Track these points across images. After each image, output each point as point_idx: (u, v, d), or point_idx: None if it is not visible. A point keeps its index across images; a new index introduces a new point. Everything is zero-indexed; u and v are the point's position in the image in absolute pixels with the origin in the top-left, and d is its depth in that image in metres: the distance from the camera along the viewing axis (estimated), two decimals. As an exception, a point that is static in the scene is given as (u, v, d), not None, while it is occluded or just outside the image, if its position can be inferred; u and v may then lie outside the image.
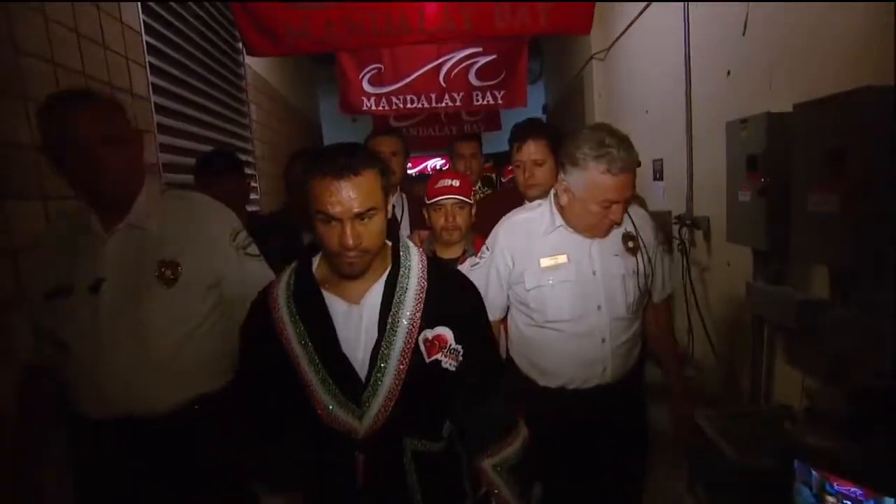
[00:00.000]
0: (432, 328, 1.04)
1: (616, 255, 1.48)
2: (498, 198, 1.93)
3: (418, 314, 1.03)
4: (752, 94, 2.44)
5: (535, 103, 7.89)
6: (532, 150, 1.89)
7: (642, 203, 3.67)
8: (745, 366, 2.48)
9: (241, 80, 3.91)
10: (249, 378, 1.11)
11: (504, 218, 1.59)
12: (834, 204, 1.56)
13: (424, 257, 1.12)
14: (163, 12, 2.63)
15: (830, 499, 1.04)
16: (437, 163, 10.06)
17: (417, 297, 1.04)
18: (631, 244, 1.49)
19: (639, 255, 1.50)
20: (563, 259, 1.45)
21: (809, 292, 2.04)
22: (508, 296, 1.57)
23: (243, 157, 3.76)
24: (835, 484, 1.02)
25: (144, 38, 2.43)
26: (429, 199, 1.73)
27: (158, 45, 2.57)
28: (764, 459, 1.38)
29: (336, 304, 1.04)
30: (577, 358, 1.46)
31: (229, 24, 3.60)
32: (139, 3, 2.37)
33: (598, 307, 1.46)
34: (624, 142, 1.37)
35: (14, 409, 1.31)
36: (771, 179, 2.11)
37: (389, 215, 1.06)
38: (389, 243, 1.10)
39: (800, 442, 1.15)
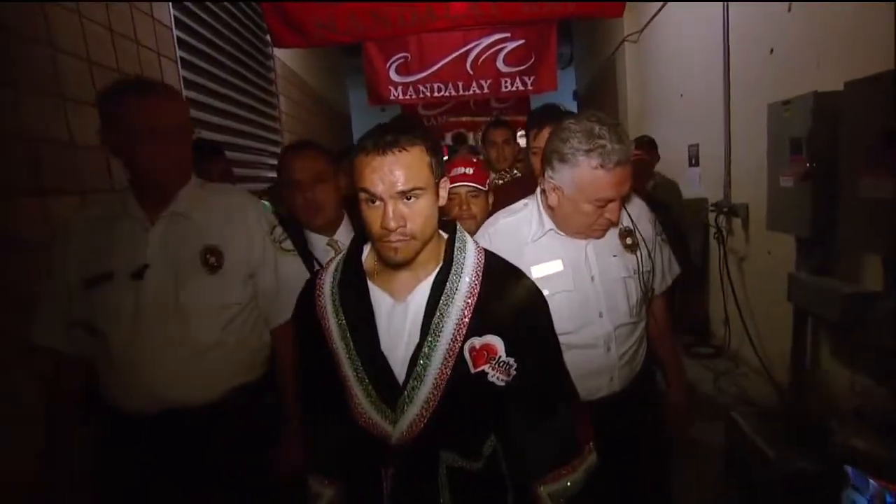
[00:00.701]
0: (481, 336, 0.94)
1: (615, 256, 1.33)
2: (514, 185, 1.82)
3: (466, 319, 0.93)
4: (797, 73, 2.30)
5: (565, 89, 7.71)
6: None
7: (673, 188, 3.51)
8: (785, 361, 2.37)
9: (271, 71, 3.95)
10: (302, 362, 1.08)
11: (485, 225, 1.44)
12: (889, 189, 1.45)
13: (483, 255, 1.00)
14: (193, 7, 2.67)
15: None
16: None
17: (467, 300, 0.94)
18: (629, 241, 1.34)
19: (638, 252, 1.34)
20: (558, 266, 1.30)
21: (858, 284, 1.92)
22: None
23: (273, 149, 3.82)
24: None
25: (175, 33, 2.47)
26: None
27: (189, 39, 2.61)
28: (807, 462, 1.31)
29: (381, 299, 0.97)
30: (581, 370, 1.26)
31: (258, 16, 3.63)
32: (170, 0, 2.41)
33: (600, 314, 1.31)
34: (616, 131, 1.19)
35: (42, 405, 1.32)
36: (816, 164, 1.99)
37: (443, 202, 0.96)
38: (445, 235, 1.00)
39: (848, 445, 1.08)
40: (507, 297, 0.98)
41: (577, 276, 1.30)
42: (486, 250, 1.03)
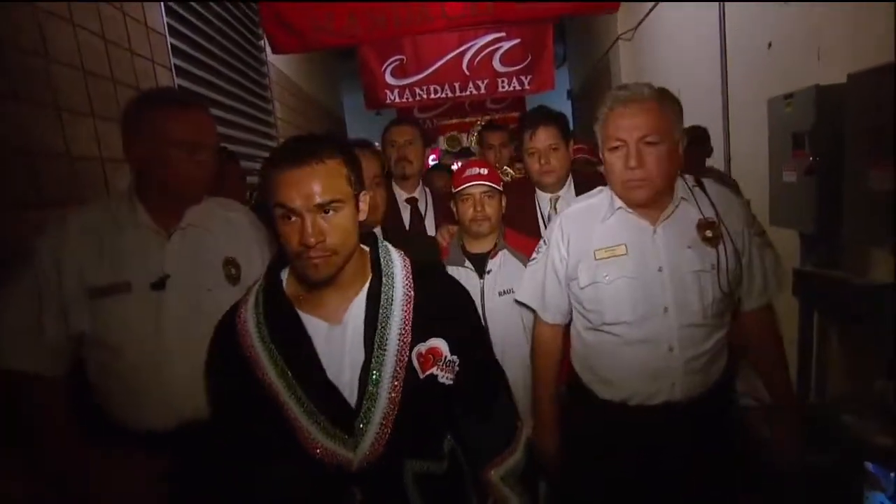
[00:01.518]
0: (425, 341, 0.93)
1: (689, 248, 1.22)
2: (512, 187, 1.81)
3: (408, 327, 0.92)
4: (796, 66, 2.29)
5: (559, 89, 7.70)
6: (544, 137, 1.81)
7: (725, 181, 3.24)
8: (791, 356, 2.36)
9: (265, 77, 3.92)
10: (223, 415, 0.98)
11: (566, 209, 1.42)
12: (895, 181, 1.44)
13: (408, 260, 0.99)
14: (186, 14, 2.64)
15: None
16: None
17: (405, 307, 0.92)
18: (709, 233, 1.22)
19: (721, 247, 1.21)
20: (620, 250, 1.24)
21: (864, 278, 1.91)
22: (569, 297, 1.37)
23: (268, 155, 3.78)
24: (917, 490, 0.94)
25: (169, 40, 2.45)
26: (455, 189, 1.66)
27: (183, 47, 2.59)
28: (825, 458, 1.30)
29: (315, 325, 0.92)
30: (638, 368, 1.24)
31: (251, 22, 3.61)
32: (162, 6, 2.38)
33: (665, 310, 1.22)
34: (635, 84, 1.21)
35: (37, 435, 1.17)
36: (820, 158, 1.98)
37: (363, 216, 0.94)
38: (367, 249, 0.99)
39: (868, 441, 1.07)
40: (441, 297, 0.99)
41: (641, 264, 1.23)
42: (406, 256, 1.01)
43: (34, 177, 1.54)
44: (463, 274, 1.62)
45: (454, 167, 2.99)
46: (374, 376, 0.90)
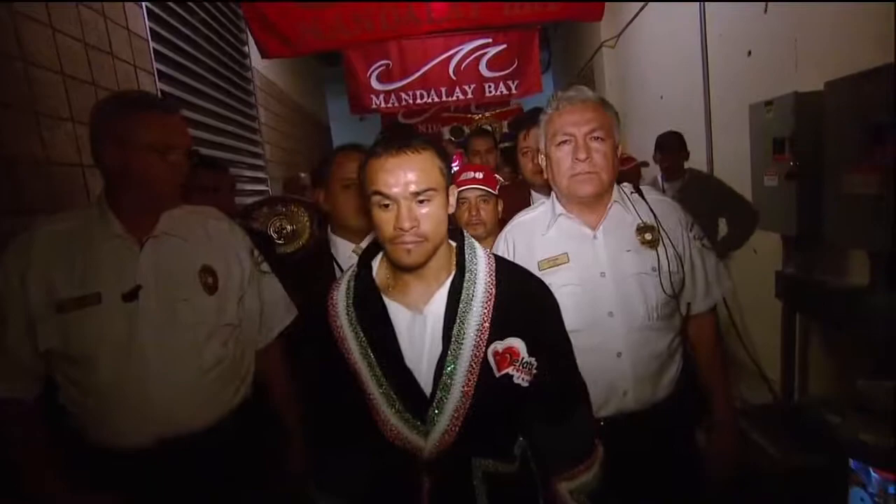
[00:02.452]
0: (502, 339, 0.94)
1: (628, 251, 1.25)
2: (504, 191, 1.81)
3: (486, 324, 0.93)
4: (775, 74, 2.35)
5: (544, 94, 7.79)
6: (538, 136, 1.84)
7: (705, 180, 3.11)
8: (774, 358, 2.40)
9: (249, 83, 3.89)
10: (319, 385, 1.04)
11: (511, 221, 1.43)
12: (874, 184, 1.48)
13: (493, 259, 1.01)
14: (169, 19, 2.61)
15: (893, 500, 0.97)
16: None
17: (485, 304, 0.94)
18: (648, 236, 1.25)
19: (660, 250, 1.24)
20: (563, 259, 1.26)
21: (845, 280, 1.95)
22: None
23: (254, 162, 3.75)
24: (901, 487, 0.96)
25: (152, 45, 2.41)
26: None
27: (166, 51, 2.55)
28: (811, 457, 1.32)
29: (398, 313, 0.96)
30: (588, 377, 1.19)
31: (235, 27, 3.58)
32: (144, 10, 2.35)
33: (610, 314, 1.23)
34: (575, 87, 1.26)
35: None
36: (800, 162, 2.02)
37: (452, 209, 0.97)
38: (454, 244, 1.01)
39: (852, 439, 1.08)
40: (522, 298, 0.99)
41: (583, 270, 1.25)
42: (494, 255, 1.03)
43: (12, 183, 1.50)
44: None
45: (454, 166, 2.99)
46: (448, 368, 0.92)
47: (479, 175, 1.63)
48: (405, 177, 0.89)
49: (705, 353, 1.36)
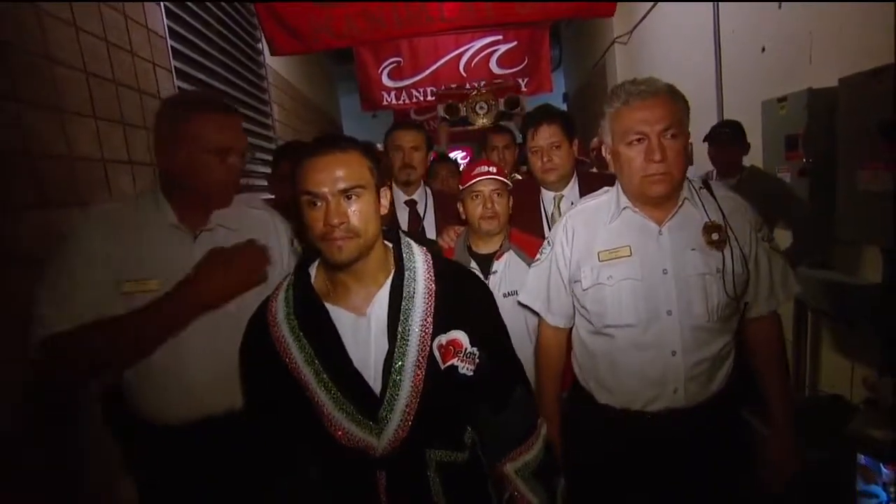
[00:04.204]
0: (446, 332, 0.97)
1: (694, 250, 1.20)
2: (516, 189, 1.79)
3: (430, 319, 0.96)
4: (788, 70, 2.33)
5: (554, 92, 7.76)
6: (547, 134, 1.81)
7: (765, 178, 2.64)
8: (786, 354, 2.40)
9: (263, 80, 3.93)
10: (255, 401, 1.04)
11: (574, 206, 1.40)
12: (888, 181, 1.48)
13: (429, 256, 1.04)
14: (186, 17, 2.65)
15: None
16: (457, 155, 10.00)
17: (426, 300, 0.97)
18: (715, 236, 1.19)
19: (726, 251, 1.19)
20: (624, 251, 1.22)
21: (857, 277, 1.95)
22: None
23: (267, 157, 3.79)
24: (909, 480, 0.97)
25: (170, 43, 2.45)
26: (463, 186, 1.64)
27: (183, 49, 2.59)
28: (820, 452, 1.32)
29: (341, 317, 0.97)
30: (640, 372, 1.22)
31: (249, 25, 3.62)
32: (162, 9, 2.39)
33: (669, 312, 1.19)
34: (641, 79, 1.19)
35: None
36: (813, 159, 2.02)
37: (384, 211, 0.99)
38: (391, 245, 1.04)
39: (862, 435, 1.09)
40: (461, 291, 1.02)
41: (646, 266, 1.21)
42: (429, 253, 1.05)
43: (36, 178, 1.54)
44: None
45: (461, 162, 2.92)
46: (397, 365, 0.94)
47: (493, 168, 1.61)
48: (332, 174, 0.91)
49: (764, 358, 1.31)
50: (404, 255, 1.01)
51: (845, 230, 1.76)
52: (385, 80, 3.58)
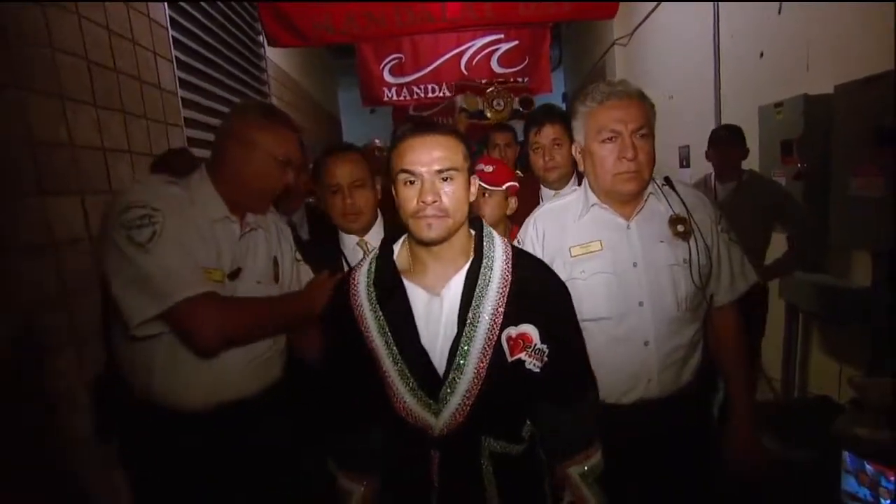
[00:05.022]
0: (516, 325, 0.98)
1: (662, 242, 1.25)
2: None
3: (501, 309, 0.97)
4: (786, 76, 2.36)
5: (554, 92, 7.78)
6: (549, 132, 1.83)
7: (761, 181, 2.60)
8: (776, 355, 2.43)
9: (263, 72, 3.92)
10: (334, 363, 1.10)
11: (538, 207, 1.44)
12: (879, 187, 1.50)
13: (510, 248, 1.05)
14: (187, 7, 2.65)
15: (885, 493, 1.01)
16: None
17: (501, 290, 0.98)
18: (681, 228, 1.25)
19: (691, 242, 1.24)
20: (595, 246, 1.26)
21: (848, 280, 1.98)
22: None
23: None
24: (892, 477, 0.99)
25: (171, 33, 2.45)
26: None
27: (185, 40, 2.59)
28: (808, 452, 1.35)
29: (417, 294, 1.00)
30: (616, 364, 1.24)
31: (251, 18, 3.61)
32: (164, -1, 2.39)
33: (641, 304, 1.23)
34: (613, 82, 1.25)
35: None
36: (808, 164, 2.05)
37: (473, 198, 1.01)
38: (473, 232, 1.05)
39: (848, 434, 1.12)
40: (537, 286, 1.02)
41: (617, 259, 1.25)
42: (512, 245, 1.07)
43: (38, 164, 1.55)
44: None
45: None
46: (463, 349, 0.96)
47: (488, 169, 1.62)
48: (430, 155, 0.94)
49: (727, 346, 1.35)
50: (485, 242, 1.02)
51: (838, 235, 1.79)
52: (386, 77, 3.59)
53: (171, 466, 1.26)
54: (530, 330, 0.98)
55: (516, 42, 3.37)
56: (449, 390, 0.96)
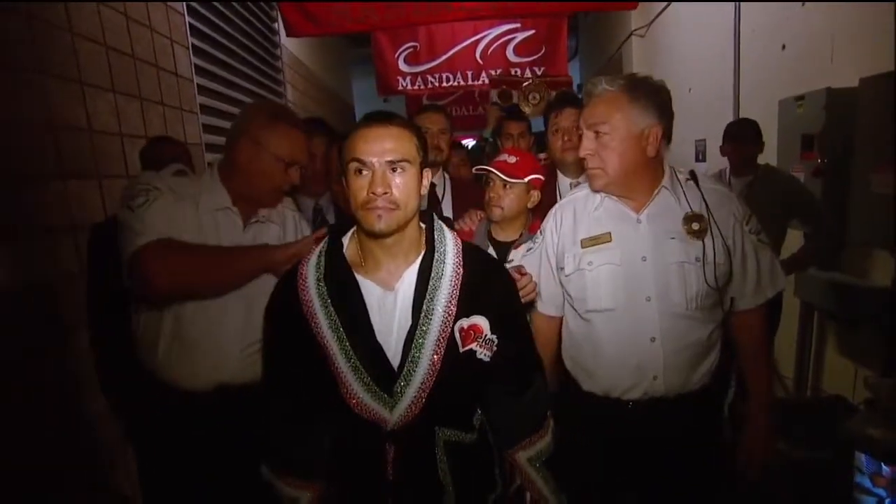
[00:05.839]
0: (468, 317, 0.99)
1: (673, 239, 1.23)
2: None
3: (454, 302, 0.98)
4: (809, 69, 2.30)
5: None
6: (571, 116, 1.80)
7: (777, 176, 2.51)
8: (790, 354, 2.40)
9: (278, 60, 3.92)
10: (277, 360, 1.07)
11: (565, 196, 1.43)
12: (902, 185, 1.47)
13: (460, 242, 1.06)
14: (204, -6, 2.66)
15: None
16: (469, 143, 9.94)
17: (453, 283, 0.99)
18: (696, 226, 1.22)
19: (707, 240, 1.21)
20: (605, 238, 1.26)
21: (868, 279, 1.95)
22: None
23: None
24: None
25: (188, 20, 2.46)
26: (477, 169, 1.68)
27: (201, 27, 2.60)
28: (820, 452, 1.34)
29: (370, 289, 0.99)
30: (620, 358, 1.24)
31: (267, 5, 3.61)
32: (181, -15, 2.40)
33: (647, 299, 1.22)
34: (606, 77, 1.27)
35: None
36: (828, 160, 2.01)
37: (425, 191, 1.01)
38: (424, 226, 1.05)
39: (862, 434, 1.10)
40: (487, 278, 1.04)
41: (625, 252, 1.25)
42: (462, 240, 1.07)
43: (58, 149, 1.57)
44: None
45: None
46: (418, 342, 0.97)
47: (511, 160, 1.59)
48: (381, 145, 0.94)
49: (749, 352, 1.32)
50: (436, 237, 1.03)
51: (857, 232, 1.75)
52: (401, 66, 3.57)
53: (171, 444, 1.32)
54: (481, 321, 1.00)
55: (533, 31, 3.32)
56: (404, 383, 0.96)
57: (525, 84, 3.39)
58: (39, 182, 1.50)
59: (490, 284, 1.04)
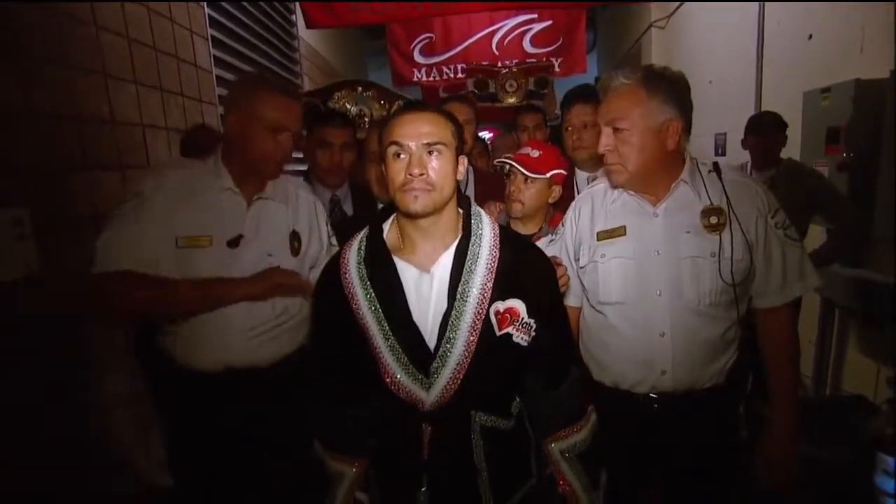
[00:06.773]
0: (504, 300, 1.00)
1: (688, 233, 1.20)
2: None
3: (489, 284, 0.99)
4: (836, 60, 2.24)
5: (587, 74, 7.57)
6: (581, 113, 1.79)
7: (800, 170, 2.45)
8: (810, 352, 2.36)
9: (295, 52, 3.94)
10: (322, 341, 1.11)
11: (586, 188, 1.43)
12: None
13: (497, 226, 1.06)
14: (223, -15, 2.67)
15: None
16: (485, 136, 9.87)
17: (489, 266, 1.00)
18: (714, 220, 1.18)
19: (724, 235, 1.17)
20: (620, 232, 1.25)
21: (890, 276, 1.90)
22: None
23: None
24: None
25: (207, 12, 2.48)
26: (496, 161, 1.66)
27: (220, 18, 2.62)
28: (840, 452, 1.32)
29: (407, 271, 1.01)
30: (629, 351, 1.23)
31: (284, -4, 3.62)
32: (201, -23, 2.41)
33: (659, 293, 1.20)
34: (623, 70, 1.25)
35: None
36: (854, 153, 1.96)
37: (461, 176, 1.02)
38: (461, 210, 1.07)
39: (882, 434, 1.08)
40: (524, 263, 1.04)
41: (638, 246, 1.23)
42: (500, 224, 1.08)
43: (81, 140, 1.60)
44: None
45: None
46: (453, 324, 0.98)
47: (535, 154, 1.56)
48: (419, 129, 0.96)
49: (772, 353, 1.27)
50: (473, 221, 1.04)
51: (884, 228, 1.71)
52: (417, 57, 3.56)
53: (187, 423, 1.36)
54: (517, 304, 1.00)
55: (550, 22, 3.29)
56: (440, 364, 0.98)
57: (503, 72, 3.36)
58: (67, 174, 1.53)
59: (528, 268, 1.04)
